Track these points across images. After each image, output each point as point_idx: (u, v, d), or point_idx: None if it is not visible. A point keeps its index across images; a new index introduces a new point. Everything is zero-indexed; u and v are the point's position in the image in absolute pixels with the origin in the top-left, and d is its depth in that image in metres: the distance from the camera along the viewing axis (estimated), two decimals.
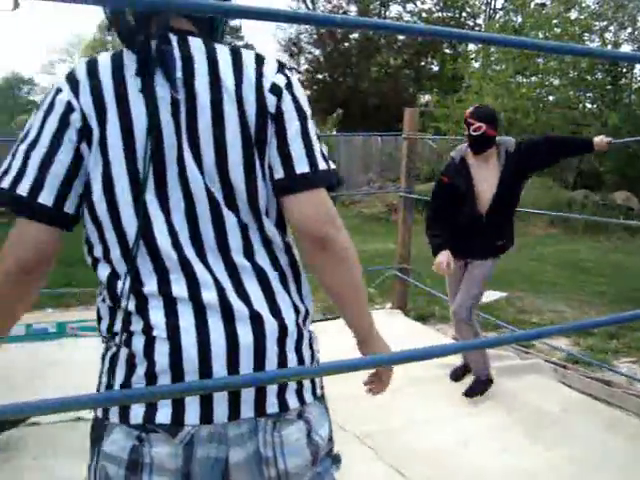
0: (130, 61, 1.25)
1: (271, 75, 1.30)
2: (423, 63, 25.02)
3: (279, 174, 1.29)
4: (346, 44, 25.12)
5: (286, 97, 1.30)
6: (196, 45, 1.28)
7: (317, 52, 25.74)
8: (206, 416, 1.24)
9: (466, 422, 3.52)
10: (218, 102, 1.25)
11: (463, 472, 2.99)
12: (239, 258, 1.30)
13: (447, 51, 22.68)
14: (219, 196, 1.27)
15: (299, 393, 1.34)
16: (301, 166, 1.29)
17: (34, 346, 4.70)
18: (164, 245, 1.26)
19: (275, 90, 1.29)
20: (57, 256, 1.31)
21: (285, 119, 1.29)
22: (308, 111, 1.34)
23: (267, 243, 1.33)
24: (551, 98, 15.33)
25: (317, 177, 1.30)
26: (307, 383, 1.36)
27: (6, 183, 1.23)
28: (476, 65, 17.30)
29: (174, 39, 1.27)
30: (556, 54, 10.55)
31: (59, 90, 1.26)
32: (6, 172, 1.24)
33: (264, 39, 57.65)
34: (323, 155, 1.33)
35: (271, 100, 1.28)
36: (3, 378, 4.00)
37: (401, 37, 22.83)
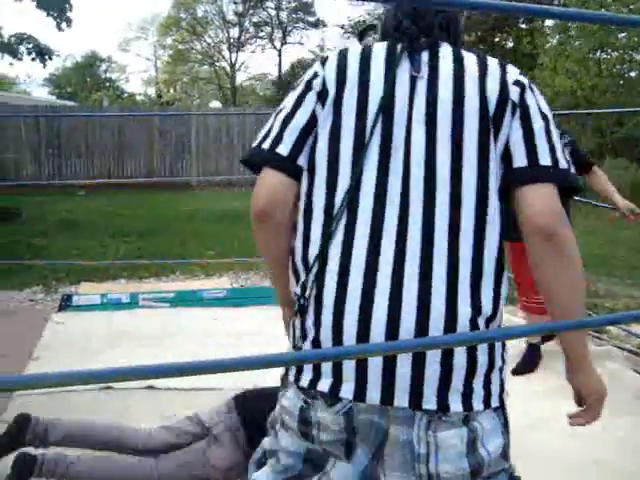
0: (378, 50, 1.40)
1: (514, 74, 1.39)
2: (497, 39, 24.40)
3: (521, 162, 1.34)
4: None
5: (529, 95, 1.38)
6: (443, 44, 1.41)
7: None
8: (360, 394, 1.29)
9: (533, 405, 3.46)
10: (460, 85, 1.35)
11: (529, 457, 2.94)
12: (440, 236, 1.31)
13: (523, 26, 22.03)
14: (443, 169, 1.32)
15: (466, 398, 1.29)
16: (544, 159, 1.34)
17: (108, 315, 4.87)
18: (365, 210, 1.32)
19: (518, 85, 1.37)
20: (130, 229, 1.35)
21: (530, 113, 1.36)
22: (549, 113, 1.39)
23: (477, 224, 1.33)
24: (633, 74, 14.70)
25: (557, 173, 1.34)
26: (479, 390, 1.31)
27: (258, 142, 1.43)
28: (553, 41, 16.73)
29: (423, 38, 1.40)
30: None
31: (312, 68, 1.44)
32: (264, 134, 1.44)
33: (335, 18, 57.20)
34: (565, 157, 1.37)
35: (514, 91, 1.36)
36: (81, 344, 4.17)
37: (475, 12, 22.31)
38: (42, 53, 14.49)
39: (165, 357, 3.50)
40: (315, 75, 1.41)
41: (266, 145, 1.40)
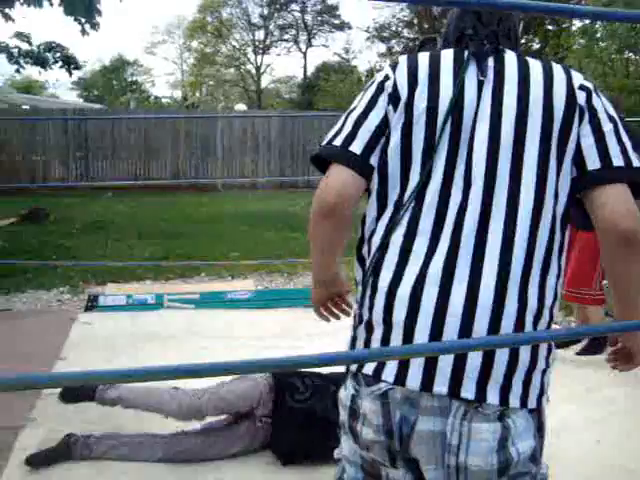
0: (446, 55, 1.47)
1: (579, 79, 1.44)
2: (524, 40, 24.20)
3: (595, 165, 1.39)
4: (444, 21, 24.60)
5: (596, 99, 1.43)
6: (507, 51, 1.48)
7: (411, 35, 25.39)
8: (401, 378, 1.34)
9: (561, 410, 3.42)
10: (525, 90, 1.41)
11: (554, 462, 2.91)
12: (496, 226, 1.36)
13: (550, 27, 21.82)
14: (503, 170, 1.38)
15: (504, 392, 1.32)
16: (617, 160, 1.39)
17: (134, 315, 4.91)
18: (430, 205, 1.39)
19: (584, 89, 1.43)
20: (156, 231, 1.37)
21: (599, 117, 1.41)
22: (616, 115, 1.44)
23: (533, 223, 1.38)
24: None
25: (631, 172, 1.39)
26: (518, 387, 1.34)
27: (329, 139, 1.49)
28: (581, 42, 16.54)
29: (488, 45, 1.48)
30: None
31: (382, 71, 1.51)
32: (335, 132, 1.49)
33: (360, 20, 57.16)
34: (637, 156, 1.42)
35: (581, 96, 1.42)
36: (108, 343, 4.21)
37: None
38: (69, 63, 14.76)
39: (189, 358, 3.52)
40: (386, 78, 1.47)
41: (338, 142, 1.45)
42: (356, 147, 1.43)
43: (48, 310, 5.27)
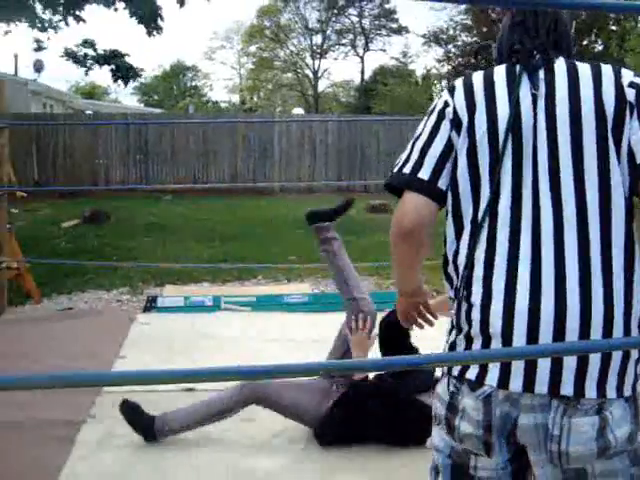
0: (499, 73, 1.54)
1: (628, 76, 1.49)
2: (586, 42, 23.64)
3: None
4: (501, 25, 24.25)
5: None
6: (557, 59, 1.53)
7: (468, 39, 25.11)
8: (503, 382, 1.43)
9: None
10: (575, 96, 1.46)
11: None
12: (571, 231, 1.43)
13: (613, 28, 21.25)
14: (567, 179, 1.44)
15: (600, 385, 1.41)
16: None
17: (192, 317, 4.97)
18: (503, 219, 1.47)
19: (634, 86, 1.47)
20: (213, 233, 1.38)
21: None
22: None
23: (605, 222, 1.44)
24: None
25: None
26: (613, 378, 1.42)
27: (399, 168, 1.58)
28: None
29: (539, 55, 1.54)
30: None
31: (441, 97, 1.59)
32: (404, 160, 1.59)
33: (418, 24, 56.90)
34: None
35: (630, 93, 1.46)
36: (165, 344, 4.27)
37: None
38: (127, 73, 15.23)
39: (246, 360, 3.54)
40: (446, 105, 1.55)
41: (407, 170, 1.55)
42: (424, 173, 1.53)
43: (108, 310, 5.39)
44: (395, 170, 1.59)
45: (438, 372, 1.74)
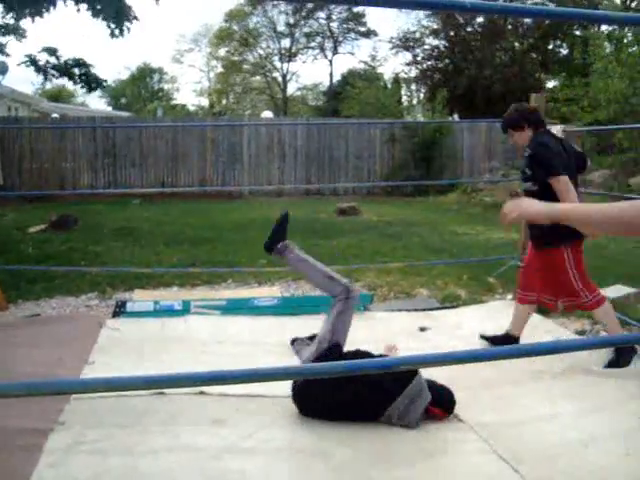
0: None
1: None
2: (551, 46, 23.99)
3: None
4: (469, 29, 24.54)
5: None
6: None
7: (435, 42, 25.38)
8: None
9: (588, 421, 3.38)
10: None
11: (581, 474, 2.88)
12: None
13: (577, 33, 21.60)
14: None
15: None
16: None
17: (161, 321, 4.95)
18: None
19: None
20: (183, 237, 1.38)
21: None
22: None
23: None
24: None
25: None
26: None
27: None
28: (607, 49, 16.34)
29: None
30: None
31: None
32: None
33: (386, 28, 57.21)
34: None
35: None
36: (135, 349, 4.25)
37: (528, 20, 21.98)
38: (90, 82, 15.10)
39: (217, 364, 3.54)
40: None
41: None
42: None
43: (77, 316, 5.33)
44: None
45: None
